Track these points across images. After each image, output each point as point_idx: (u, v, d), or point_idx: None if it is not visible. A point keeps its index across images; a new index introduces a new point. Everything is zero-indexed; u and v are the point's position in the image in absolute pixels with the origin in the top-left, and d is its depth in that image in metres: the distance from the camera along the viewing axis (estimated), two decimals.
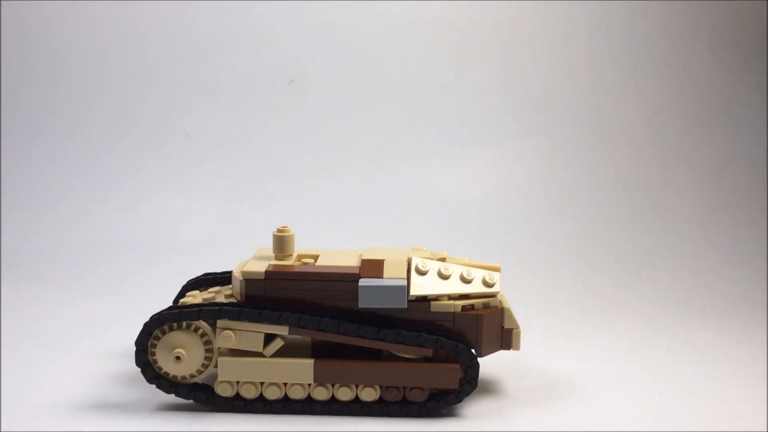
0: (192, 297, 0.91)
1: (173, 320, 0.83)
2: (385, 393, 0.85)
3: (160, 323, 0.83)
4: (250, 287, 0.85)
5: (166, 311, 0.84)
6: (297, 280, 0.85)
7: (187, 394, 0.85)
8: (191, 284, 1.00)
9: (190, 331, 0.84)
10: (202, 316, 0.83)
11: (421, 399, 0.85)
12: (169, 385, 0.85)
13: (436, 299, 0.86)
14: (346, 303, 0.85)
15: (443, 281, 0.87)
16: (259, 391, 0.85)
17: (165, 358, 0.84)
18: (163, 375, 0.85)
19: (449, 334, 0.85)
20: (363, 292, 0.84)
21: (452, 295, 0.86)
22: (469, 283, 0.87)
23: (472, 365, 0.85)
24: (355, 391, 0.85)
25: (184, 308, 0.84)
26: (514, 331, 0.89)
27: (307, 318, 0.83)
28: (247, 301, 0.85)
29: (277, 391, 0.85)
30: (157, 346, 0.84)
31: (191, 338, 0.84)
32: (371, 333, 0.83)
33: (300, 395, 0.85)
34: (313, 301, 0.85)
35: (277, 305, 0.84)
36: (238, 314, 0.83)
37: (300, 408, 0.86)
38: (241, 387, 0.85)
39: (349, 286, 0.84)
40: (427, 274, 0.87)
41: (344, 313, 0.85)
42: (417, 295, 0.85)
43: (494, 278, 0.89)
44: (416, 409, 0.86)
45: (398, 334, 0.84)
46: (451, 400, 0.85)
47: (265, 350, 0.84)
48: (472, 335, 0.86)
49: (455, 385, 0.85)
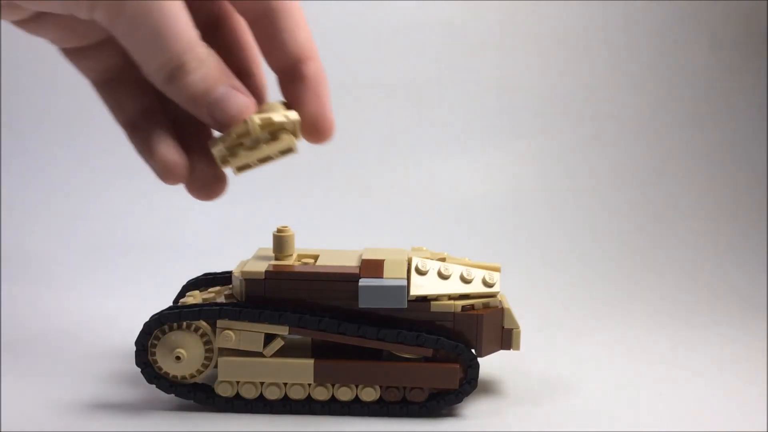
0: (192, 297, 0.91)
1: (173, 320, 0.83)
2: (385, 393, 0.85)
3: (161, 323, 0.83)
4: (251, 287, 0.85)
5: (166, 311, 0.84)
6: (297, 280, 0.85)
7: (187, 394, 0.85)
8: (191, 284, 1.00)
9: (190, 331, 0.84)
10: (202, 316, 0.83)
11: (421, 399, 0.85)
12: (169, 385, 0.85)
13: (436, 299, 0.86)
14: (346, 303, 0.85)
15: (443, 281, 0.87)
16: (259, 391, 0.85)
17: (165, 358, 0.84)
18: (163, 375, 0.85)
19: (449, 334, 0.86)
20: (363, 292, 0.84)
21: (452, 295, 0.86)
22: (469, 283, 0.87)
23: (472, 365, 0.85)
24: (355, 391, 0.85)
25: (184, 308, 0.84)
26: (514, 331, 0.89)
27: (307, 318, 0.83)
28: (248, 301, 0.85)
29: (277, 391, 0.85)
30: (157, 346, 0.84)
31: (191, 338, 0.84)
32: (371, 333, 0.84)
33: (300, 395, 0.85)
34: (314, 301, 0.85)
35: (278, 305, 0.84)
36: (239, 314, 0.83)
37: (300, 408, 0.86)
38: (241, 387, 0.85)
39: (350, 286, 0.84)
40: (427, 274, 0.87)
41: (344, 313, 0.85)
42: (417, 295, 0.85)
43: (494, 278, 0.89)
44: (416, 409, 0.86)
45: (398, 334, 0.84)
46: (451, 400, 0.85)
47: (265, 350, 0.84)
48: (472, 335, 0.86)
49: (455, 385, 0.85)
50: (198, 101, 0.77)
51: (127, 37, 0.73)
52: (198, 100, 0.77)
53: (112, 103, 0.86)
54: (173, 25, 0.72)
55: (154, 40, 0.73)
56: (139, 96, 0.78)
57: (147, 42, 0.73)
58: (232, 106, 0.77)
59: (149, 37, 0.72)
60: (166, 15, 0.71)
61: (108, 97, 0.86)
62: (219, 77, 0.77)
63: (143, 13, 0.71)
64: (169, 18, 0.72)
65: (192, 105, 0.77)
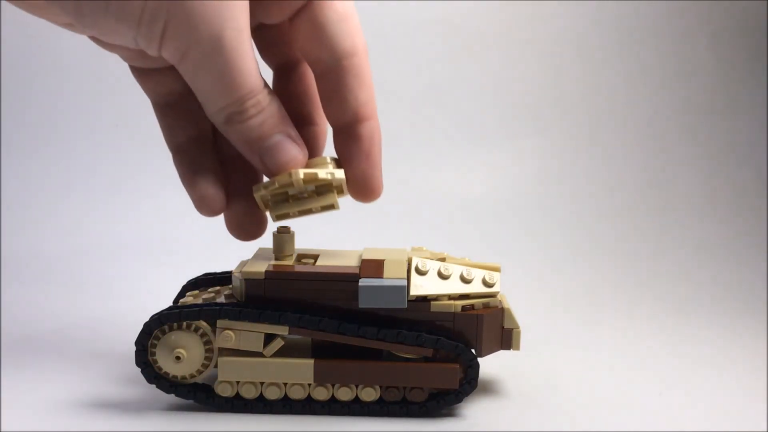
0: (192, 297, 0.91)
1: (173, 320, 0.83)
2: (385, 393, 0.85)
3: (161, 323, 0.83)
4: (250, 287, 0.85)
5: (166, 311, 0.84)
6: (297, 280, 0.85)
7: (187, 394, 0.85)
8: (191, 284, 1.00)
9: (190, 331, 0.84)
10: (202, 316, 0.83)
11: (421, 399, 0.85)
12: (169, 385, 0.85)
13: (436, 299, 0.86)
14: (346, 303, 0.85)
15: (443, 281, 0.87)
16: (259, 391, 0.85)
17: (165, 358, 0.84)
18: (163, 375, 0.85)
19: (449, 334, 0.85)
20: (363, 292, 0.84)
21: (452, 295, 0.86)
22: (469, 283, 0.87)
23: (472, 365, 0.85)
24: (355, 391, 0.85)
25: (184, 308, 0.84)
26: (514, 331, 0.89)
27: (307, 318, 0.83)
28: (248, 301, 0.85)
29: (277, 391, 0.85)
30: (157, 346, 0.84)
31: (191, 338, 0.84)
32: (371, 333, 0.83)
33: (300, 395, 0.85)
34: (314, 301, 0.85)
35: (278, 305, 0.84)
36: (238, 314, 0.83)
37: (300, 408, 0.86)
38: (241, 387, 0.85)
39: (350, 286, 0.84)
40: (427, 274, 0.87)
41: (344, 313, 0.85)
42: (417, 295, 0.85)
43: (494, 278, 0.89)
44: (416, 409, 0.86)
45: (398, 334, 0.84)
46: (451, 400, 0.85)
47: (265, 350, 0.84)
48: (472, 335, 0.86)
49: (455, 385, 0.85)
50: (252, 146, 0.78)
51: (192, 77, 0.74)
52: (252, 144, 0.78)
53: (166, 125, 0.87)
54: (237, 71, 0.73)
55: (218, 84, 0.73)
56: (192, 124, 0.78)
57: (210, 85, 0.74)
58: (283, 155, 0.78)
59: (213, 81, 0.73)
60: (232, 60, 0.72)
61: (163, 118, 0.87)
62: (276, 125, 0.78)
63: (209, 57, 0.71)
64: (234, 64, 0.72)
65: (246, 148, 0.78)
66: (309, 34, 0.78)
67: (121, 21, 0.68)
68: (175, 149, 0.86)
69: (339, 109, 0.81)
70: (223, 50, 0.71)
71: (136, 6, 0.67)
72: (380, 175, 0.84)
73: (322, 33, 0.77)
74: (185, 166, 0.85)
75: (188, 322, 0.84)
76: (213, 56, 0.71)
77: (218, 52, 0.71)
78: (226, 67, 0.72)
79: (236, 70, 0.72)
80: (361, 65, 0.80)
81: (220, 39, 0.70)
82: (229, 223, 0.87)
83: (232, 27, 0.70)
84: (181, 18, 0.68)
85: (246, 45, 0.72)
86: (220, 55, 0.71)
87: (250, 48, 0.73)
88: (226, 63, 0.71)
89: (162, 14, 0.68)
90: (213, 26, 0.69)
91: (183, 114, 0.77)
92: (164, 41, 0.70)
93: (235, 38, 0.71)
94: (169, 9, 0.68)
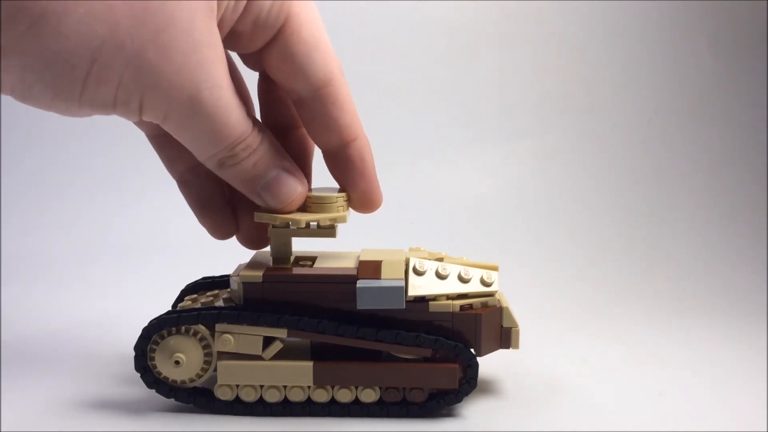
0: (191, 301, 0.91)
1: (172, 325, 0.83)
2: (385, 394, 0.85)
3: (159, 328, 0.83)
4: (249, 291, 0.85)
5: (164, 315, 0.84)
6: (295, 283, 0.85)
7: (186, 399, 0.85)
8: (190, 288, 1.00)
9: (189, 335, 0.84)
10: (200, 320, 0.83)
11: (420, 399, 0.85)
12: (168, 390, 0.85)
13: (434, 299, 0.86)
14: (345, 305, 0.85)
15: (441, 281, 0.87)
16: (259, 394, 0.85)
17: (164, 362, 0.84)
18: (163, 380, 0.85)
19: (448, 334, 0.85)
20: (361, 294, 0.84)
21: (450, 295, 0.86)
22: (467, 283, 0.87)
23: (471, 365, 0.85)
24: (354, 393, 0.85)
25: (182, 312, 0.84)
26: (513, 329, 0.89)
27: (305, 320, 0.83)
28: (246, 305, 0.85)
29: (277, 393, 0.85)
30: (156, 350, 0.84)
31: (190, 342, 0.84)
32: (370, 334, 0.83)
33: (300, 398, 0.85)
34: (312, 303, 0.85)
35: (276, 308, 0.84)
36: (237, 318, 0.83)
37: (300, 410, 0.86)
38: (241, 390, 0.85)
39: (347, 288, 0.84)
40: (425, 274, 0.87)
41: (343, 315, 0.85)
42: (415, 295, 0.85)
43: (492, 277, 0.89)
44: (416, 409, 0.86)
45: (397, 334, 0.84)
46: (451, 400, 0.85)
47: (264, 353, 0.84)
48: (471, 335, 0.86)
49: (455, 385, 0.85)
50: (249, 185, 0.78)
51: (176, 134, 0.74)
52: (249, 184, 0.78)
53: (165, 157, 0.87)
54: (221, 125, 0.72)
55: (203, 140, 0.73)
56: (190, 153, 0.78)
57: (196, 141, 0.73)
58: (282, 190, 0.79)
59: (197, 138, 0.73)
60: (212, 117, 0.71)
61: (161, 150, 0.87)
62: (270, 162, 0.78)
63: (190, 118, 0.71)
64: (217, 120, 0.72)
65: (243, 188, 0.79)
66: (282, 67, 0.77)
67: (96, 108, 0.68)
68: (179, 179, 0.87)
69: (323, 135, 0.82)
70: (203, 109, 0.70)
71: (107, 94, 0.66)
72: (379, 188, 0.86)
73: (294, 66, 0.77)
74: (192, 196, 0.87)
75: (187, 327, 0.84)
76: (193, 117, 0.70)
77: (197, 112, 0.70)
78: (209, 124, 0.71)
79: (219, 125, 0.72)
80: (338, 91, 0.80)
81: (197, 100, 0.69)
82: (243, 239, 0.89)
83: (209, 86, 0.69)
84: (156, 90, 0.67)
85: (225, 98, 0.71)
86: (200, 115, 0.70)
87: (231, 99, 0.72)
88: (207, 121, 0.71)
89: (136, 93, 0.67)
90: (188, 89, 0.68)
91: (179, 144, 0.78)
92: (143, 112, 0.69)
93: (213, 96, 0.70)
94: (143, 83, 0.66)
